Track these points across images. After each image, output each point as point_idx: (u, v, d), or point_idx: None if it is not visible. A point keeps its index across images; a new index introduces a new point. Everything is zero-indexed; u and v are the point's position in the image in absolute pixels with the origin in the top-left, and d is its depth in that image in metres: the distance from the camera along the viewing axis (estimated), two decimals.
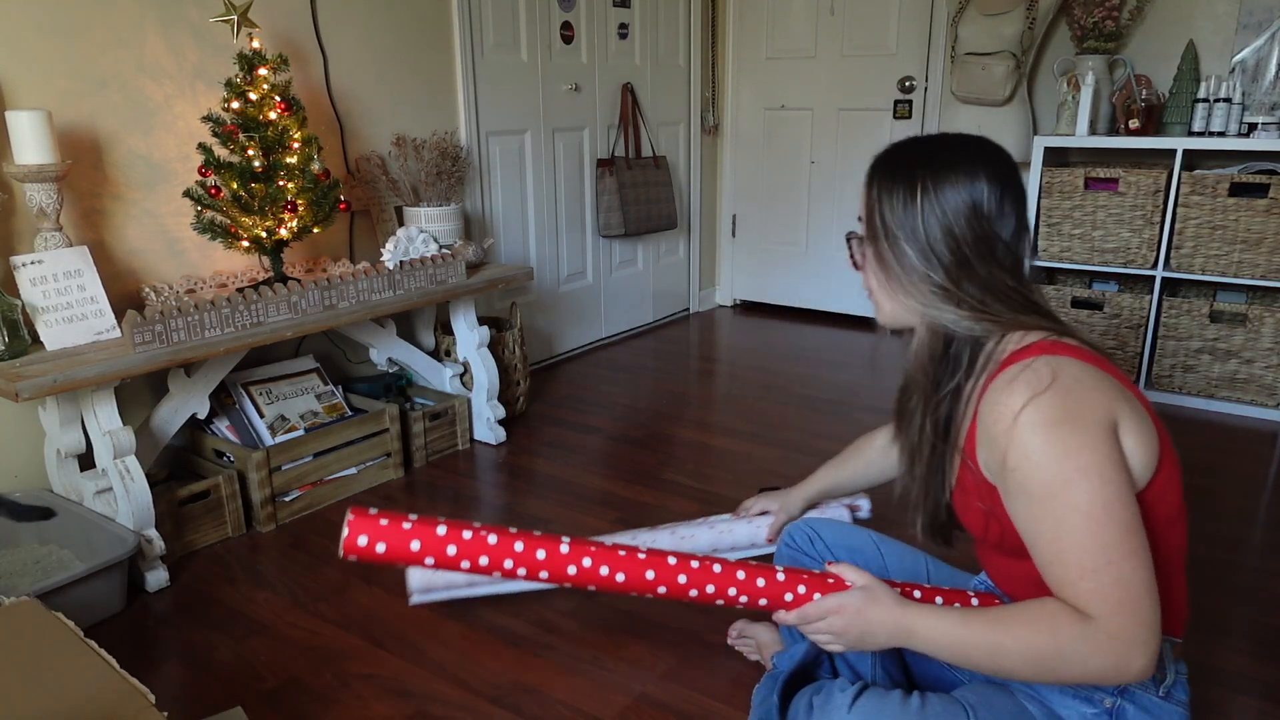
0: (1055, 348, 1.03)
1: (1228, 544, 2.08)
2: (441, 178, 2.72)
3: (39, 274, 1.89)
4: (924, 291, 1.09)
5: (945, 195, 1.07)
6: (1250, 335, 2.88)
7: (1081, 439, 0.95)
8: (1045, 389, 0.97)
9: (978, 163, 1.08)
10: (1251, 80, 3.02)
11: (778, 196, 4.25)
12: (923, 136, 1.14)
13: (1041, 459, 0.96)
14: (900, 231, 1.08)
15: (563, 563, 1.07)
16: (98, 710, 1.05)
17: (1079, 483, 0.95)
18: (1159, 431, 1.03)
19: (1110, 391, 1.00)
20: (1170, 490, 1.06)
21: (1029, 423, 0.96)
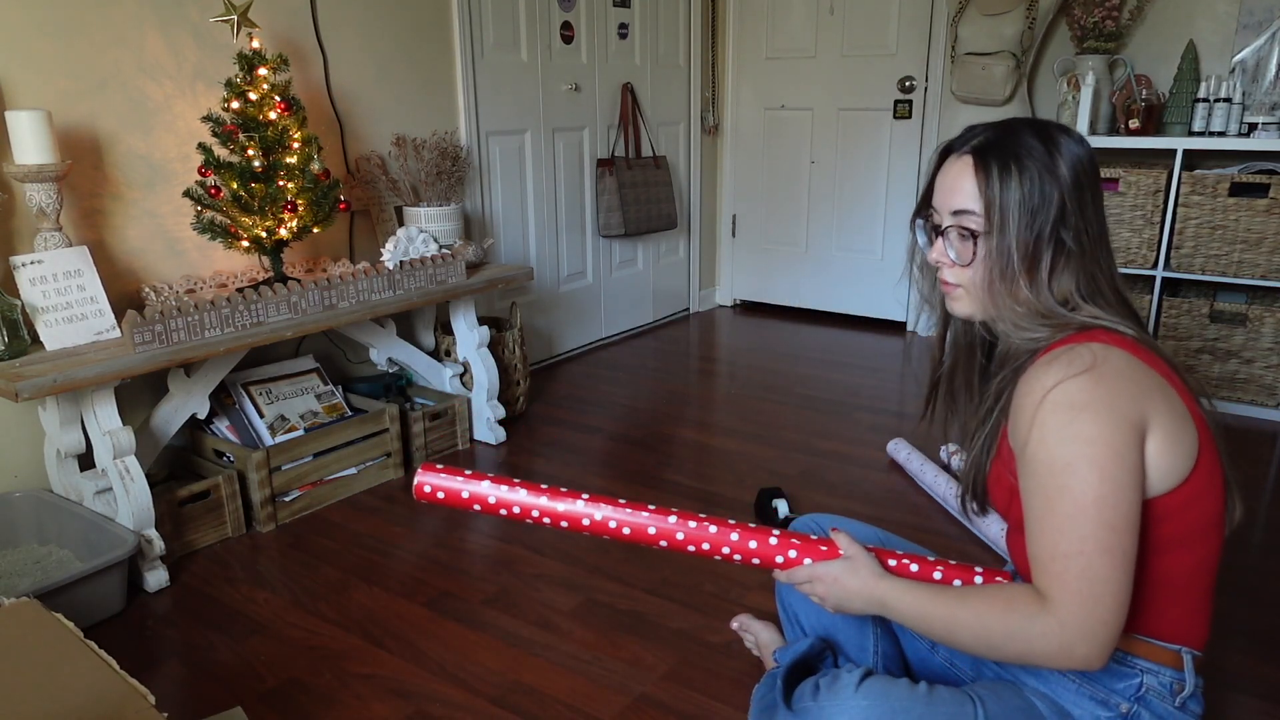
0: (1107, 336, 1.02)
1: (1228, 544, 2.07)
2: (441, 178, 2.72)
3: (39, 274, 1.89)
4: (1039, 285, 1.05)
5: (1072, 168, 1.04)
6: (1250, 335, 2.88)
7: (1098, 429, 0.95)
8: (1080, 373, 0.97)
9: (1072, 135, 1.07)
10: (1251, 80, 3.02)
11: (778, 196, 4.25)
12: (1013, 120, 1.10)
13: (1054, 438, 0.97)
14: (1034, 214, 1.04)
15: (579, 516, 1.21)
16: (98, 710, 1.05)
17: (1080, 470, 0.95)
18: (1202, 440, 1.02)
19: (1149, 389, 0.98)
20: (1205, 501, 1.03)
21: (1054, 402, 0.97)
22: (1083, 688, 1.10)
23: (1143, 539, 1.02)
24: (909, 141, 3.83)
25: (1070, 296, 1.07)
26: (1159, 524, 1.02)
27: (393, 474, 2.49)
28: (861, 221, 4.04)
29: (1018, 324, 1.07)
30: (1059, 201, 1.03)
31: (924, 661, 1.38)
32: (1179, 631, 1.08)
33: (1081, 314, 1.06)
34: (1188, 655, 1.08)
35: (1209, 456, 1.02)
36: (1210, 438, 1.04)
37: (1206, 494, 1.03)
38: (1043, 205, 1.03)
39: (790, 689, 1.23)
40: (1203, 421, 1.04)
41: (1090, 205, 1.06)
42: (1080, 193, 1.05)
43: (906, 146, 3.84)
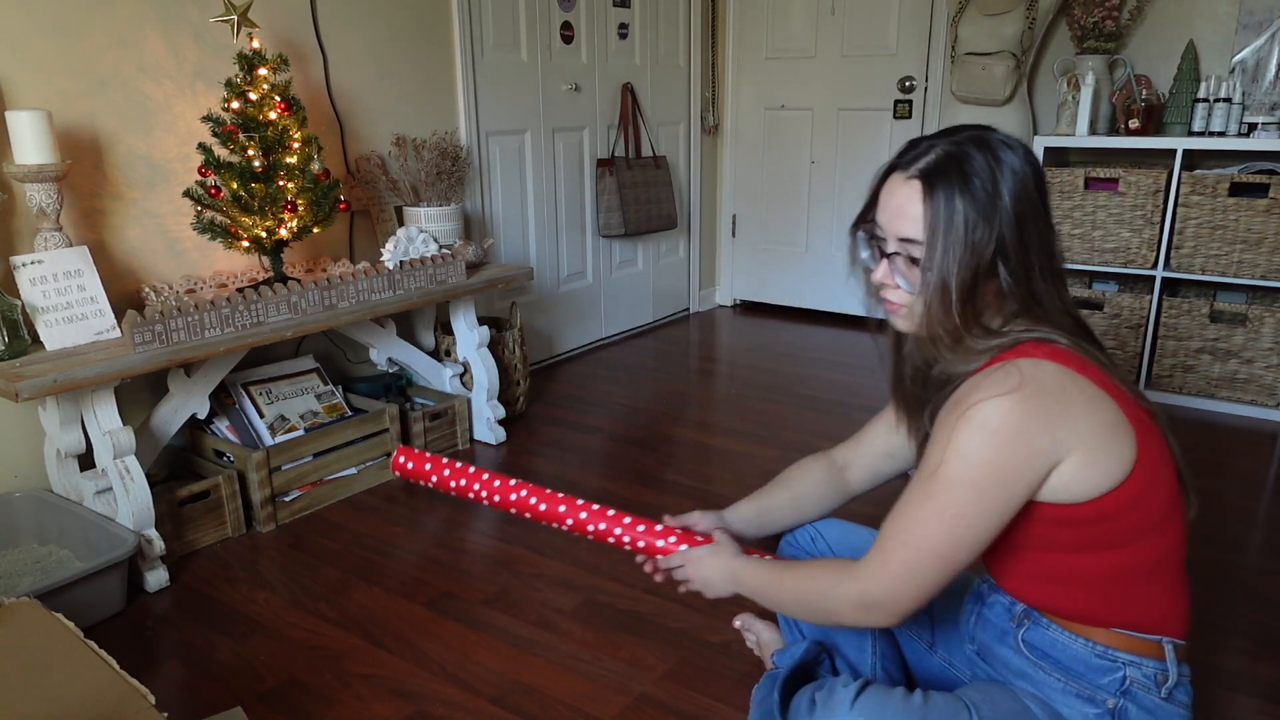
0: (1037, 348, 1.04)
1: (1228, 544, 2.08)
2: (441, 178, 2.72)
3: (39, 274, 1.89)
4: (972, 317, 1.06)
5: (1016, 198, 1.04)
6: (1250, 335, 2.88)
7: (994, 455, 0.99)
8: (1002, 394, 1.00)
9: (1017, 154, 1.06)
10: (1251, 80, 3.02)
11: (778, 196, 4.25)
12: (961, 138, 1.08)
13: (954, 449, 1.01)
14: (973, 250, 1.04)
15: (522, 502, 1.44)
16: (98, 710, 1.05)
17: (960, 486, 1.01)
18: (1142, 441, 1.04)
19: (1072, 406, 1.00)
20: (1152, 498, 1.05)
21: (968, 419, 1.01)
22: (1068, 686, 1.11)
23: (1096, 537, 1.06)
24: None
25: (1001, 320, 1.09)
26: (1105, 523, 1.05)
27: (393, 474, 2.49)
28: None
29: (951, 350, 1.09)
30: (999, 236, 1.04)
31: (921, 661, 1.38)
32: (1156, 621, 1.10)
33: (1013, 328, 1.08)
34: (1169, 645, 1.10)
35: (1151, 456, 1.05)
36: (1153, 436, 1.06)
37: (1151, 491, 1.05)
38: (981, 241, 1.04)
39: (788, 697, 1.23)
40: (1143, 422, 1.05)
41: (1034, 232, 1.06)
42: (1022, 224, 1.05)
43: None
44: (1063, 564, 1.10)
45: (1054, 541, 1.08)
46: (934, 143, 1.08)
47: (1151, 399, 1.14)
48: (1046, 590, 1.13)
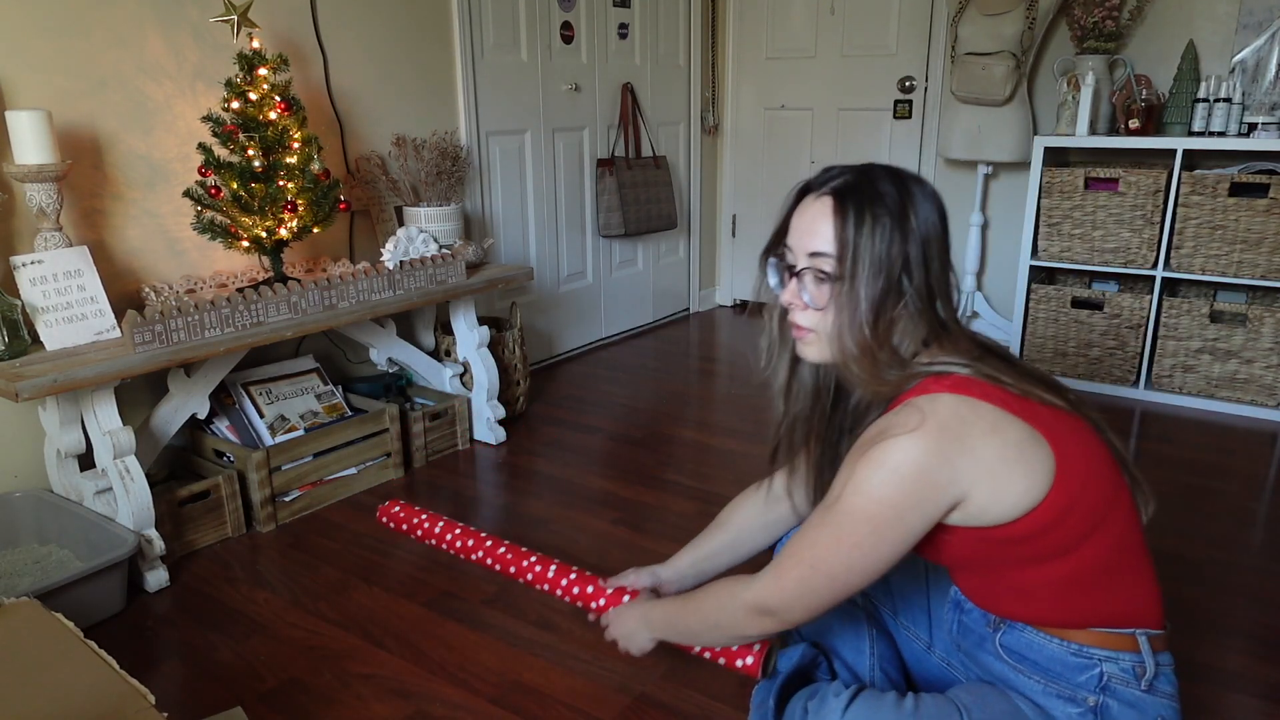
0: (938, 383, 1.06)
1: (1228, 544, 2.09)
2: (441, 178, 2.72)
3: (39, 274, 1.89)
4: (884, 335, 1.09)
5: (923, 222, 1.08)
6: (1250, 335, 2.88)
7: (892, 492, 1.02)
8: (903, 434, 1.02)
9: (925, 187, 1.11)
10: (1251, 80, 3.02)
11: (778, 196, 4.20)
12: (870, 165, 1.13)
13: (855, 485, 1.05)
14: (883, 266, 1.07)
15: (484, 554, 1.56)
16: (98, 710, 1.05)
17: (858, 519, 1.04)
18: (1062, 450, 1.04)
19: (973, 436, 1.02)
20: (1085, 501, 1.06)
21: (869, 456, 1.04)
22: (1048, 688, 1.12)
23: (1041, 549, 1.06)
24: (909, 141, 3.83)
25: (910, 345, 1.11)
26: (1044, 535, 1.05)
27: (393, 474, 2.49)
28: None
29: (862, 372, 1.11)
30: (905, 254, 1.07)
31: (920, 662, 1.38)
32: (1127, 615, 1.10)
33: (919, 361, 1.10)
34: (1142, 637, 1.10)
35: (1073, 462, 1.05)
36: (1074, 441, 1.06)
37: (1083, 494, 1.05)
38: (890, 257, 1.07)
39: (785, 699, 1.23)
40: (1061, 430, 1.06)
41: (936, 259, 1.09)
42: (927, 247, 1.08)
43: (906, 146, 3.84)
44: (1019, 577, 1.11)
45: (1003, 558, 1.10)
46: (845, 169, 1.12)
47: (1079, 393, 1.14)
48: (1013, 604, 1.14)
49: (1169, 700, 1.11)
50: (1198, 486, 2.40)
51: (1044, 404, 1.07)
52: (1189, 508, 2.27)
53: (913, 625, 1.38)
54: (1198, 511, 2.25)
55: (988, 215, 3.68)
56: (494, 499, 2.40)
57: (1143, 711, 1.09)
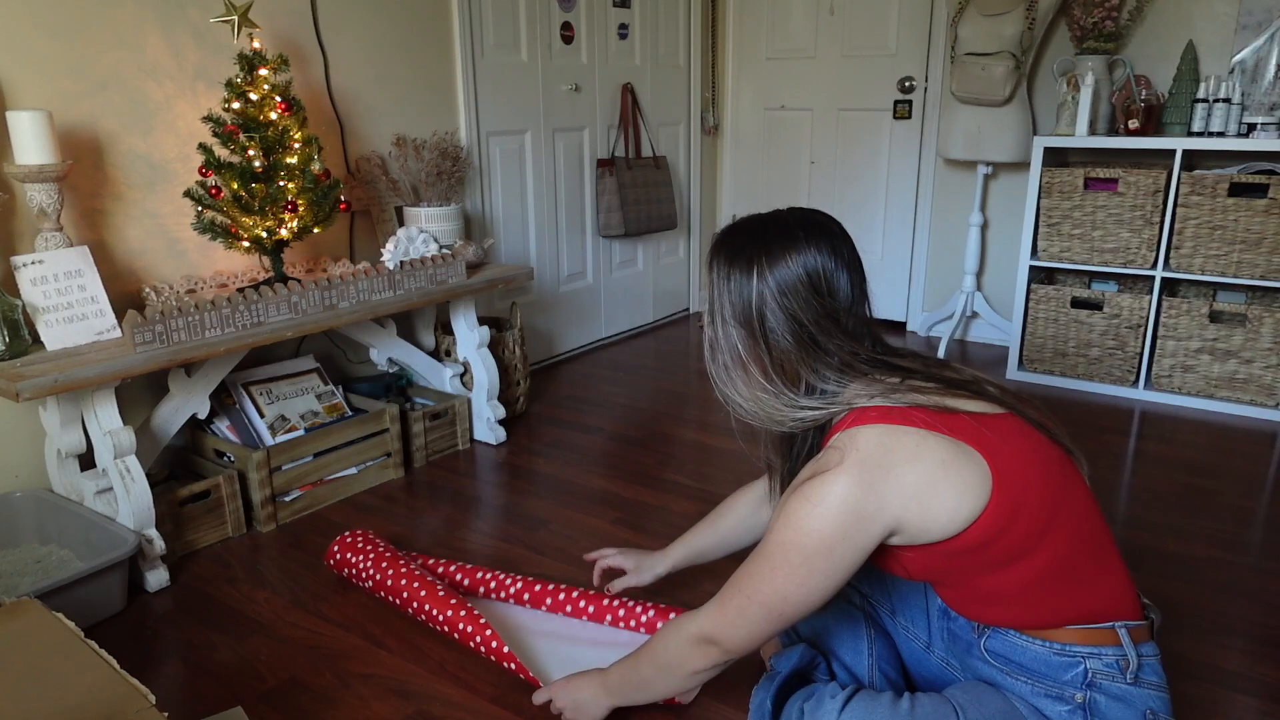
0: (856, 417, 1.10)
1: (1228, 544, 2.09)
2: (441, 178, 2.72)
3: (39, 274, 1.89)
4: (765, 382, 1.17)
5: (780, 272, 1.14)
6: (1250, 335, 2.88)
7: (820, 524, 1.06)
8: (828, 470, 1.07)
9: (810, 233, 1.17)
10: (1251, 80, 3.02)
11: (778, 197, 4.24)
12: (757, 216, 1.22)
13: (786, 519, 1.09)
14: (738, 314, 1.16)
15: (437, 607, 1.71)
16: (98, 710, 1.05)
17: (791, 552, 1.09)
18: (992, 461, 1.07)
19: (896, 463, 1.05)
20: (1031, 501, 1.08)
21: (800, 493, 1.09)
22: (1035, 688, 1.13)
23: (998, 556, 1.08)
24: (909, 141, 3.83)
25: (805, 380, 1.16)
26: (997, 542, 1.07)
27: (393, 474, 2.49)
28: (861, 221, 4.04)
29: (739, 412, 1.20)
30: (759, 301, 1.14)
31: (919, 662, 1.38)
32: (1100, 609, 1.11)
33: (824, 396, 1.15)
34: (1122, 630, 1.11)
35: (1012, 466, 1.07)
36: (1010, 443, 1.09)
37: (1027, 496, 1.08)
38: (744, 304, 1.15)
39: (784, 700, 1.24)
40: (992, 436, 1.08)
41: (805, 303, 1.14)
42: (790, 294, 1.14)
43: (906, 146, 3.84)
44: (986, 584, 1.12)
45: (964, 568, 1.11)
46: (744, 219, 1.23)
47: (1009, 388, 1.18)
48: (990, 610, 1.15)
49: (1157, 691, 1.11)
50: (1198, 486, 2.40)
51: (970, 416, 1.09)
52: (1189, 508, 2.27)
53: (911, 625, 1.39)
54: (1198, 511, 2.25)
55: (987, 215, 3.69)
56: (494, 499, 2.41)
57: (1131, 704, 1.09)
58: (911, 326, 4.03)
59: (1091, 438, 2.75)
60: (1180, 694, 1.55)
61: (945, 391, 1.12)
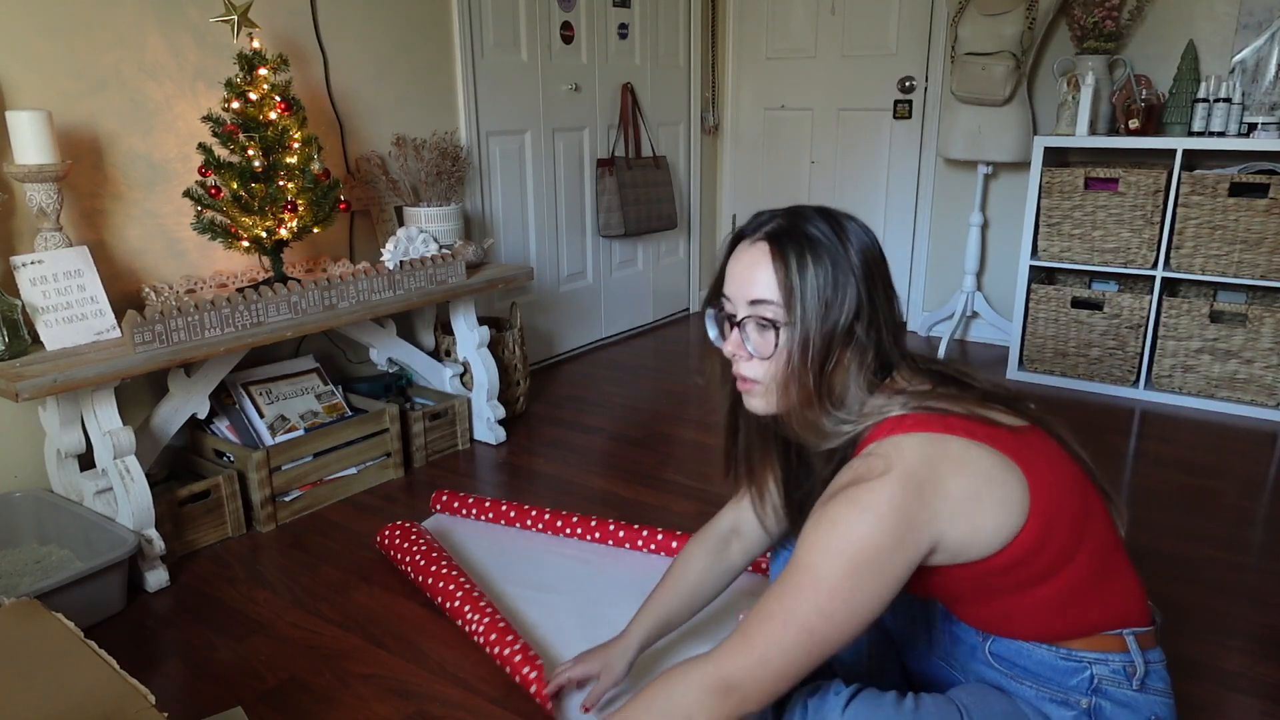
0: (898, 423, 1.02)
1: (1228, 544, 2.09)
2: (441, 178, 2.72)
3: (39, 274, 1.89)
4: (830, 382, 1.06)
5: (862, 257, 1.06)
6: (1250, 335, 2.88)
7: (875, 535, 0.97)
8: (877, 477, 0.98)
9: (856, 222, 1.09)
10: (1251, 80, 3.02)
11: (778, 196, 4.24)
12: (800, 207, 1.10)
13: (829, 526, 0.99)
14: (829, 306, 1.04)
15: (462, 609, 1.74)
16: (98, 710, 1.05)
17: (835, 559, 0.98)
18: (1030, 476, 1.02)
19: (943, 474, 0.99)
20: (1063, 519, 1.04)
21: (845, 500, 0.99)
22: (1040, 692, 1.11)
23: (1026, 577, 1.04)
24: (909, 141, 3.83)
25: (858, 391, 1.07)
26: (1028, 563, 1.03)
27: (393, 474, 2.49)
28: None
29: (807, 423, 1.07)
30: (854, 292, 1.04)
31: (920, 661, 1.38)
32: (1110, 617, 1.09)
33: (873, 403, 1.06)
34: (1130, 636, 1.09)
35: (1045, 482, 1.03)
36: (1042, 458, 1.04)
37: (1060, 514, 1.03)
38: (837, 297, 1.04)
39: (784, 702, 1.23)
40: (1028, 450, 1.03)
41: (880, 293, 1.07)
42: (871, 282, 1.06)
43: (906, 146, 3.84)
44: (1009, 604, 1.10)
45: (990, 589, 1.08)
46: (776, 212, 1.09)
47: (1039, 407, 1.12)
48: (1002, 626, 1.14)
49: (1162, 697, 1.11)
50: (1198, 486, 2.40)
51: (1006, 428, 1.04)
52: (1189, 508, 2.27)
53: (911, 624, 1.38)
54: (1198, 511, 2.25)
55: (988, 215, 3.68)
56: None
57: (1136, 710, 1.09)
58: (912, 326, 4.03)
59: (1092, 438, 2.75)
60: (1181, 694, 1.55)
61: (979, 401, 1.06)
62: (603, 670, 1.46)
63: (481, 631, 1.66)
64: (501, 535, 2.15)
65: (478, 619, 1.68)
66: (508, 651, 1.59)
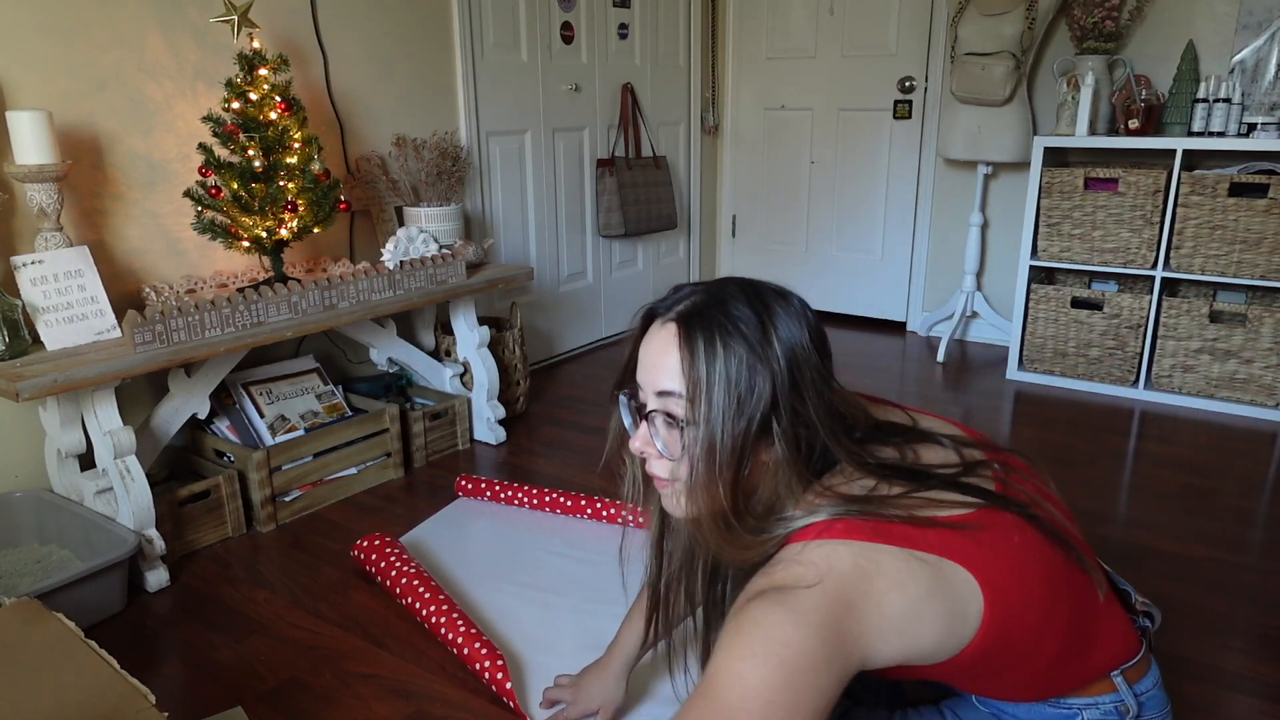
0: (833, 529, 0.89)
1: (1228, 544, 2.09)
2: (441, 178, 2.72)
3: (39, 274, 1.89)
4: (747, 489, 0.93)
5: (787, 345, 0.92)
6: (1250, 335, 2.88)
7: (811, 640, 0.83)
8: (805, 586, 0.85)
9: (789, 302, 0.96)
10: (1251, 80, 3.02)
11: (778, 196, 4.25)
12: (724, 281, 0.97)
13: (754, 636, 0.83)
14: (743, 403, 0.89)
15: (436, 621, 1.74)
16: (98, 710, 1.05)
17: (775, 683, 0.82)
18: (983, 579, 0.91)
19: (882, 592, 0.87)
20: (1033, 604, 0.95)
21: (766, 601, 0.85)
22: None
23: (1001, 665, 0.98)
24: (909, 141, 3.83)
25: (789, 494, 0.94)
26: (1001, 652, 0.95)
27: (393, 474, 2.49)
28: (861, 221, 4.04)
29: (718, 537, 0.94)
30: (774, 384, 0.90)
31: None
32: (1094, 668, 1.05)
33: (801, 505, 0.93)
34: (1118, 677, 1.06)
35: (1008, 579, 0.92)
36: (1005, 550, 0.93)
37: (1024, 607, 0.94)
38: (753, 391, 0.90)
39: None
40: (987, 544, 0.92)
41: (811, 385, 0.93)
42: (798, 372, 0.92)
43: (906, 146, 3.84)
44: (985, 684, 1.06)
45: (967, 678, 1.03)
46: (697, 287, 0.97)
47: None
48: (987, 692, 1.10)
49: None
50: (1198, 486, 2.40)
51: (953, 529, 0.91)
52: (1189, 508, 2.27)
53: None
54: (1198, 511, 2.25)
55: (987, 215, 3.69)
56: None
57: None
58: (911, 326, 4.03)
59: (1092, 438, 2.75)
60: (1180, 694, 1.55)
61: (923, 501, 0.93)
62: (574, 701, 1.43)
63: (450, 644, 1.66)
64: (502, 534, 2.15)
65: (444, 630, 1.68)
66: (479, 664, 1.58)
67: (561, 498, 2.23)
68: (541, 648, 1.70)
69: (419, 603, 1.76)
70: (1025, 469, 1.05)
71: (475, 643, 1.61)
